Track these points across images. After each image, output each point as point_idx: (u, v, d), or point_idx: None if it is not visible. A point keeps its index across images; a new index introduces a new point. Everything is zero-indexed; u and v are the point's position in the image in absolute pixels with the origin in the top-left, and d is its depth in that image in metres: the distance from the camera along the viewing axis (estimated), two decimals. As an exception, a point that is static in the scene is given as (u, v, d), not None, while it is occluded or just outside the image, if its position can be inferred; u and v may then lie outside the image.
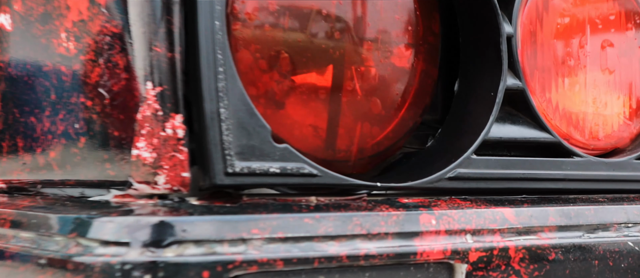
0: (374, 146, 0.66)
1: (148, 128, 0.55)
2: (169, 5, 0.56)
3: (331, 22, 0.62)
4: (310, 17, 0.62)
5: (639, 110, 0.74)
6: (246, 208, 0.54)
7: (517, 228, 0.59)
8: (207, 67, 0.55)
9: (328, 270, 0.53)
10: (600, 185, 0.69)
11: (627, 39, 0.73)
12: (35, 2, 0.67)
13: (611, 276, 0.63)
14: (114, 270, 0.48)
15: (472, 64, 0.68)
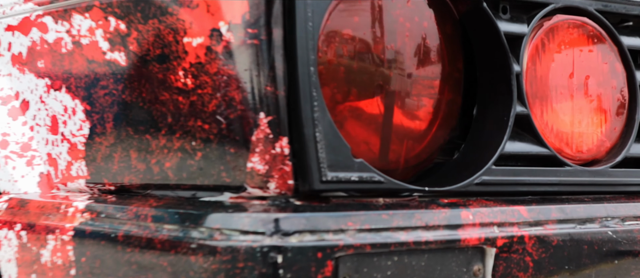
0: (414, 158, 0.85)
1: (261, 147, 0.73)
2: (275, 56, 0.73)
3: (387, 64, 0.80)
4: (372, 61, 0.80)
5: (610, 129, 0.94)
6: (339, 207, 0.72)
7: (529, 221, 0.78)
8: (305, 102, 0.73)
9: (400, 252, 0.71)
10: (585, 188, 0.88)
11: (602, 73, 0.93)
12: (152, 46, 0.84)
13: (596, 257, 0.82)
14: (255, 252, 0.66)
15: (488, 95, 0.86)
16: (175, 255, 0.72)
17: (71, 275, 0.85)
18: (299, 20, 0.74)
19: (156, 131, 0.83)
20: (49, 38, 1.00)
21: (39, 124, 1.02)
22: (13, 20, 1.08)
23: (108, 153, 0.90)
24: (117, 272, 0.78)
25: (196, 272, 0.70)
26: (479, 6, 0.84)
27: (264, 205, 0.72)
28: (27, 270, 0.93)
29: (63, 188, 0.99)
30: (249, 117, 0.74)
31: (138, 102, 0.86)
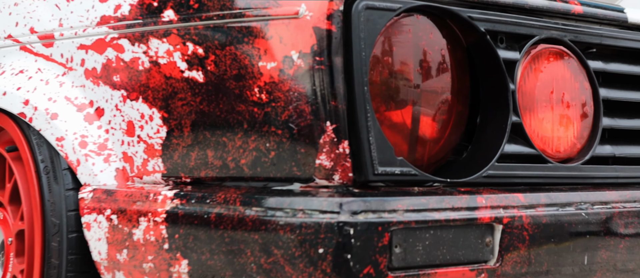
0: (433, 156, 1.07)
1: (327, 148, 0.94)
2: (337, 78, 0.94)
3: (415, 83, 1.02)
4: (404, 81, 1.01)
5: (580, 134, 1.17)
6: (388, 193, 0.93)
7: (525, 205, 1.01)
8: (361, 114, 0.94)
9: (434, 227, 0.93)
10: (563, 180, 1.11)
11: (574, 90, 1.16)
12: (229, 67, 1.04)
13: (573, 233, 1.05)
14: (333, 226, 0.87)
15: (490, 107, 1.09)
16: (264, 231, 0.92)
17: (164, 248, 1.05)
18: (355, 50, 0.95)
19: (232, 135, 1.04)
20: (126, 57, 1.19)
21: (114, 128, 1.22)
22: (86, 40, 1.27)
23: (185, 152, 1.10)
24: (210, 244, 0.99)
25: (284, 242, 0.91)
26: (483, 38, 1.06)
27: (331, 192, 0.93)
28: (117, 247, 1.13)
29: (138, 181, 1.18)
30: (318, 125, 0.95)
31: (215, 111, 1.06)
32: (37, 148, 1.28)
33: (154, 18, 1.16)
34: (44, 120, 1.27)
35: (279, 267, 0.91)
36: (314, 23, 0.96)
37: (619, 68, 1.22)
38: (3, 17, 1.50)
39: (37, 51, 1.37)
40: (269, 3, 1.00)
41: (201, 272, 1.01)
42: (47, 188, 1.25)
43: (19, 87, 1.34)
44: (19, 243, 1.34)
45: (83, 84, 1.27)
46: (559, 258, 1.04)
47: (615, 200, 1.12)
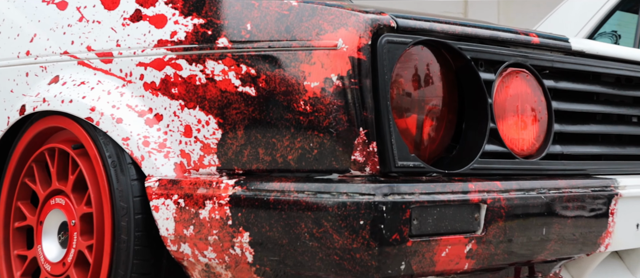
0: (431, 153, 1.37)
1: (360, 147, 1.24)
2: (367, 94, 1.24)
3: (420, 98, 1.32)
4: (413, 96, 1.31)
5: (538, 136, 1.48)
6: (405, 181, 1.23)
7: (501, 190, 1.32)
8: (385, 122, 1.24)
9: (440, 206, 1.23)
10: (527, 172, 1.42)
11: (534, 103, 1.48)
12: (278, 84, 1.32)
13: (534, 211, 1.36)
14: (371, 204, 1.17)
15: (472, 115, 1.39)
16: (315, 210, 1.21)
17: (228, 224, 1.33)
18: (380, 74, 1.25)
19: (281, 136, 1.32)
20: (183, 74, 1.47)
21: (172, 130, 1.49)
22: (145, 59, 1.54)
23: (238, 150, 1.38)
24: (269, 220, 1.27)
25: (332, 217, 1.20)
26: (468, 63, 1.37)
27: (364, 180, 1.22)
28: (184, 224, 1.40)
29: (194, 173, 1.45)
30: (353, 130, 1.24)
31: (266, 119, 1.34)
32: (104, 146, 1.54)
33: (209, 44, 1.43)
34: (110, 123, 1.53)
35: (328, 235, 1.21)
36: (349, 53, 1.26)
37: (565, 85, 1.55)
38: (57, 36, 1.74)
39: (95, 66, 1.63)
40: (312, 37, 1.29)
41: (261, 240, 1.29)
42: (115, 179, 1.51)
43: (84, 96, 1.59)
44: (85, 224, 1.60)
45: (142, 95, 1.54)
46: (525, 229, 1.36)
47: (564, 187, 1.44)
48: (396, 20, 1.28)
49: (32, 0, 1.87)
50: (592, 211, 1.47)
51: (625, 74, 1.68)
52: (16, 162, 1.77)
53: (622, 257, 1.71)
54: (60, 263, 1.65)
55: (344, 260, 1.21)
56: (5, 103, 1.83)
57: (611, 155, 1.62)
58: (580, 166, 1.53)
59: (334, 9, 1.30)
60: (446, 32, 1.35)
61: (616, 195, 1.51)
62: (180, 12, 1.51)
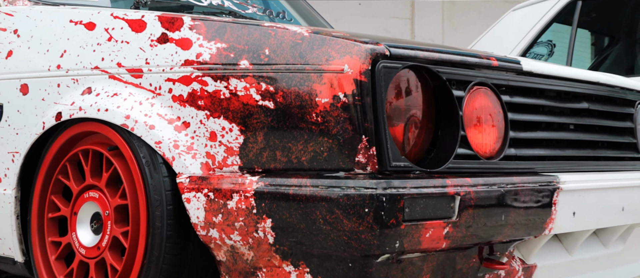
0: (415, 155, 1.69)
1: (363, 151, 1.55)
2: (368, 109, 1.55)
3: (406, 111, 1.64)
4: (402, 110, 1.63)
5: (497, 141, 1.81)
6: (398, 178, 1.55)
7: (471, 184, 1.65)
8: (382, 131, 1.55)
9: (426, 197, 1.55)
10: (489, 170, 1.75)
11: (494, 114, 1.81)
12: (294, 99, 1.62)
13: (495, 202, 1.70)
14: (374, 196, 1.48)
15: (447, 125, 1.72)
16: (328, 201, 1.52)
17: (253, 212, 1.63)
18: (377, 92, 1.56)
19: (296, 142, 1.63)
20: (209, 89, 1.76)
21: (198, 135, 1.78)
22: (173, 75, 1.83)
23: (258, 152, 1.68)
24: (289, 208, 1.58)
25: (342, 206, 1.51)
26: (444, 83, 1.69)
27: (366, 177, 1.54)
28: (213, 213, 1.69)
29: (218, 171, 1.74)
30: (357, 137, 1.56)
31: (283, 127, 1.64)
32: (138, 148, 1.82)
33: (232, 65, 1.73)
34: (144, 129, 1.81)
35: (339, 220, 1.52)
36: (353, 76, 1.57)
37: (518, 100, 1.89)
38: (87, 53, 2.01)
39: (126, 80, 1.91)
40: (322, 62, 1.60)
41: (282, 225, 1.60)
42: (149, 176, 1.79)
43: (119, 105, 1.87)
44: (118, 214, 1.87)
45: (171, 105, 1.82)
46: (488, 216, 1.69)
47: (518, 182, 1.77)
48: (390, 49, 1.60)
49: (59, 20, 2.13)
50: (539, 202, 1.81)
51: (564, 90, 2.03)
52: (50, 161, 2.03)
53: (560, 239, 2.06)
54: (94, 247, 1.92)
55: (352, 240, 1.52)
56: (36, 109, 2.09)
57: (554, 156, 1.96)
58: (530, 166, 1.87)
59: (340, 40, 1.61)
60: (427, 58, 1.67)
61: (558, 189, 1.85)
62: (204, 37, 1.80)
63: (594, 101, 2.13)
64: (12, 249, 2.17)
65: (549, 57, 4.60)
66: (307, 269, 1.61)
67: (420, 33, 7.18)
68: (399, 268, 1.60)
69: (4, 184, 2.17)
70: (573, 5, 4.07)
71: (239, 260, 1.70)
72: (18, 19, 2.24)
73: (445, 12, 7.37)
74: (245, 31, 1.75)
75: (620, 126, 2.23)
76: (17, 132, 2.14)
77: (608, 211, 2.04)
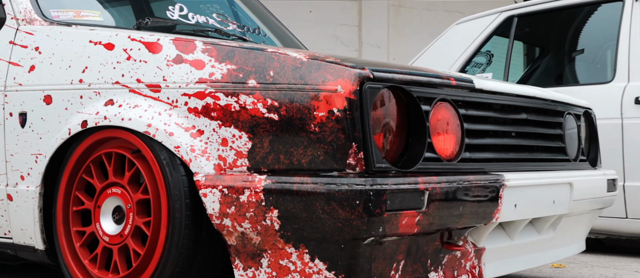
0: (391, 158, 2.07)
1: (353, 155, 1.93)
2: (357, 121, 1.93)
3: (385, 122, 2.02)
4: (384, 122, 2.02)
5: (456, 146, 2.21)
6: (381, 176, 1.93)
7: (437, 181, 2.04)
8: (368, 139, 1.94)
9: (403, 192, 1.94)
10: (450, 170, 2.15)
11: (452, 124, 2.20)
12: (295, 112, 1.99)
13: (456, 196, 2.09)
14: (363, 191, 1.86)
15: (416, 133, 2.11)
16: (326, 194, 1.89)
17: (262, 204, 1.99)
18: (363, 108, 1.94)
19: (297, 147, 1.99)
20: (221, 103, 2.11)
21: (211, 141, 2.13)
22: (188, 90, 2.17)
23: (264, 155, 2.04)
24: (293, 201, 1.94)
25: (337, 198, 1.88)
26: (414, 100, 2.08)
27: (355, 176, 1.91)
28: (227, 206, 2.05)
29: (229, 171, 2.10)
30: (348, 144, 1.93)
31: (285, 135, 2.01)
32: (159, 152, 2.16)
33: (241, 83, 2.08)
34: (164, 136, 2.15)
35: (335, 210, 1.89)
36: (345, 95, 1.94)
37: (471, 112, 2.29)
38: (108, 70, 2.34)
39: (145, 94, 2.25)
40: (319, 83, 1.97)
41: (286, 215, 1.96)
42: (170, 175, 2.14)
43: (140, 115, 2.21)
44: (139, 207, 2.21)
45: (186, 116, 2.17)
46: (449, 207, 2.08)
47: (472, 179, 2.17)
48: (373, 73, 1.98)
49: (80, 40, 2.45)
50: (488, 196, 2.21)
51: (507, 103, 2.44)
52: (75, 162, 2.35)
53: (504, 227, 2.47)
54: (117, 235, 2.25)
55: (345, 226, 1.90)
56: (59, 117, 2.41)
57: (500, 158, 2.37)
58: (481, 166, 2.27)
59: (334, 65, 1.98)
60: (401, 79, 2.06)
61: (503, 185, 2.25)
62: (215, 59, 2.16)
63: (531, 112, 2.55)
64: (33, 238, 2.48)
65: (487, 66, 5.06)
66: (306, 250, 1.99)
67: (367, 39, 7.61)
68: (380, 248, 1.98)
69: (26, 181, 2.48)
70: (510, 20, 4.52)
71: (247, 244, 2.06)
72: (38, 37, 2.55)
73: (390, 20, 7.81)
74: (252, 55, 2.11)
75: (552, 133, 2.66)
76: (40, 136, 2.45)
77: (542, 203, 2.46)
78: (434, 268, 2.17)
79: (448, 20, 7.79)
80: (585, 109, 2.96)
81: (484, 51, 4.95)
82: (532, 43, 5.34)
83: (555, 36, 4.81)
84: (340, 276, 1.96)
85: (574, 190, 2.58)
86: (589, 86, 4.05)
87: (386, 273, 2.03)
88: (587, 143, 2.97)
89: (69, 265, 2.35)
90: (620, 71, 3.89)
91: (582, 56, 4.60)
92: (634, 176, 3.73)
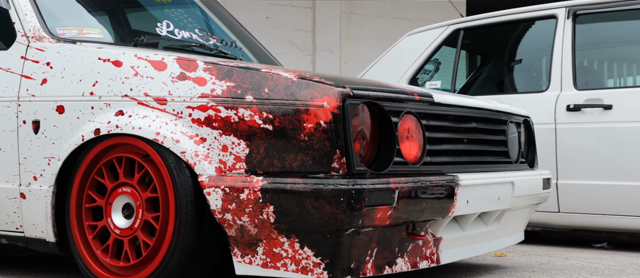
0: (368, 162, 2.45)
1: (337, 160, 2.30)
2: (340, 132, 2.30)
3: (362, 131, 2.40)
4: (362, 131, 2.39)
5: (417, 150, 2.59)
6: (360, 178, 2.30)
7: (404, 182, 2.42)
8: (350, 147, 2.31)
9: (377, 191, 2.31)
10: (414, 172, 2.53)
11: (416, 133, 2.59)
12: (287, 123, 2.35)
13: (420, 194, 2.48)
14: (346, 190, 2.23)
15: (387, 141, 2.49)
16: (316, 193, 2.25)
17: (260, 201, 2.34)
18: (345, 120, 2.31)
19: (288, 153, 2.35)
20: (222, 115, 2.46)
21: (213, 147, 2.47)
22: (192, 103, 2.51)
23: (260, 160, 2.39)
24: (286, 198, 2.30)
25: (325, 196, 2.25)
26: (385, 113, 2.46)
27: (339, 178, 2.28)
28: (228, 202, 2.39)
29: (229, 173, 2.44)
30: (333, 151, 2.30)
31: (279, 143, 2.36)
32: (167, 156, 2.50)
33: (239, 98, 2.43)
34: (171, 143, 2.49)
35: (323, 206, 2.26)
36: (330, 109, 2.31)
37: (431, 123, 2.68)
38: (117, 84, 2.66)
39: (153, 106, 2.58)
40: (308, 99, 2.33)
41: (281, 210, 2.32)
42: (177, 176, 2.47)
43: (149, 125, 2.54)
44: (148, 204, 2.54)
45: (191, 126, 2.51)
46: (415, 203, 2.47)
47: (433, 179, 2.56)
48: (353, 91, 2.35)
49: (89, 57, 2.76)
50: (445, 194, 2.60)
51: (460, 114, 2.84)
52: (87, 165, 2.67)
53: (457, 220, 2.86)
54: (128, 228, 2.58)
55: (331, 219, 2.27)
56: (71, 125, 2.72)
57: (454, 162, 2.77)
58: (439, 169, 2.66)
59: (320, 85, 2.35)
60: (375, 96, 2.43)
61: (457, 184, 2.65)
62: (216, 77, 2.50)
63: (479, 121, 2.95)
64: (45, 232, 2.79)
65: (435, 73, 5.48)
66: (297, 239, 2.35)
67: (321, 44, 7.99)
68: (358, 238, 2.36)
69: (39, 182, 2.78)
70: (457, 33, 4.94)
71: (245, 235, 2.41)
72: (49, 54, 2.85)
73: (342, 26, 8.21)
74: (248, 74, 2.46)
75: (497, 139, 3.08)
76: (53, 142, 2.76)
77: (489, 200, 2.87)
78: (400, 254, 2.56)
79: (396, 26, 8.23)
80: (525, 117, 3.39)
81: (432, 59, 5.35)
82: (477, 53, 5.78)
83: (496, 48, 5.26)
84: (325, 261, 2.33)
85: (516, 188, 2.99)
86: (527, 94, 4.49)
87: (362, 259, 2.40)
88: (526, 147, 3.40)
89: (83, 255, 2.66)
90: (554, 81, 4.34)
91: (520, 67, 5.06)
92: (565, 175, 4.18)
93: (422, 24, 8.12)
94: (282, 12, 7.89)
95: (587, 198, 4.12)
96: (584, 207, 4.14)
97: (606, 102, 4.11)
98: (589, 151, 4.11)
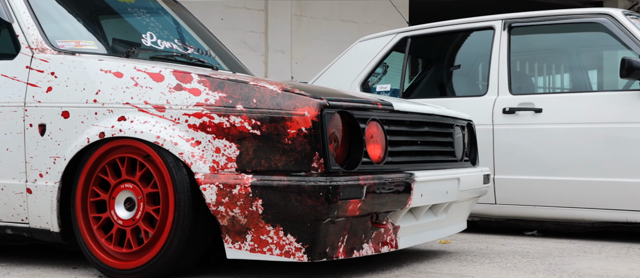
0: (340, 162, 2.85)
1: (316, 160, 2.70)
2: (320, 136, 2.70)
3: (335, 137, 2.80)
4: (337, 136, 2.79)
5: (382, 152, 3.00)
6: (336, 175, 2.70)
7: (371, 178, 2.83)
8: (327, 149, 2.71)
9: (350, 186, 2.71)
10: (379, 170, 2.94)
11: (380, 137, 3.00)
12: (273, 129, 2.73)
13: (385, 189, 2.89)
14: (324, 186, 2.63)
15: (356, 144, 2.89)
16: (298, 188, 2.64)
17: (250, 195, 2.72)
18: (324, 127, 2.71)
19: (274, 154, 2.74)
20: (215, 121, 2.83)
21: (207, 149, 2.84)
22: (188, 111, 2.88)
23: (249, 160, 2.77)
24: (273, 192, 2.68)
25: (306, 190, 2.64)
26: (354, 120, 2.87)
27: (318, 175, 2.68)
28: (222, 197, 2.77)
29: (221, 171, 2.82)
30: (313, 152, 2.70)
31: (266, 145, 2.75)
32: (166, 157, 2.86)
33: (231, 107, 2.81)
34: (171, 145, 2.85)
35: (304, 199, 2.65)
36: (310, 118, 2.70)
37: (392, 128, 3.09)
38: (118, 93, 3.01)
39: (152, 113, 2.93)
40: (291, 109, 2.72)
41: (268, 203, 2.70)
42: (175, 174, 2.84)
43: (150, 129, 2.89)
44: (148, 198, 2.90)
45: (187, 130, 2.87)
46: (379, 197, 2.88)
47: (394, 176, 2.97)
48: (329, 102, 2.75)
49: (91, 68, 3.10)
50: (403, 188, 3.02)
51: (415, 120, 3.26)
52: (92, 163, 3.01)
53: (412, 211, 3.29)
54: (130, 219, 2.93)
55: (312, 210, 2.66)
56: (76, 129, 3.05)
57: (410, 161, 3.19)
58: (399, 167, 3.08)
59: (301, 96, 2.74)
60: (347, 106, 2.84)
61: (414, 180, 3.07)
62: (209, 88, 2.87)
63: (431, 125, 3.38)
64: (49, 223, 3.11)
65: (384, 76, 5.92)
66: (282, 228, 2.74)
67: (273, 45, 8.36)
68: (333, 226, 2.76)
69: (45, 178, 3.11)
70: (405, 40, 5.38)
71: (236, 224, 2.79)
72: (53, 64, 3.17)
73: (293, 28, 8.60)
74: (238, 87, 2.84)
75: (445, 141, 3.52)
76: (58, 143, 3.08)
77: (439, 193, 3.30)
78: (366, 240, 2.97)
79: (344, 28, 8.66)
80: (468, 121, 3.84)
81: (381, 64, 5.78)
82: (422, 58, 6.24)
83: (440, 54, 5.72)
84: (305, 246, 2.73)
85: (461, 183, 3.43)
86: (467, 97, 4.96)
87: (335, 244, 2.81)
88: (469, 146, 3.85)
89: (88, 243, 3.00)
90: (492, 86, 4.81)
91: (461, 72, 5.53)
92: (502, 171, 4.66)
93: (368, 27, 8.56)
94: (236, 15, 8.23)
95: (520, 191, 4.60)
96: (517, 199, 4.62)
97: (537, 106, 4.60)
98: (522, 150, 4.59)
